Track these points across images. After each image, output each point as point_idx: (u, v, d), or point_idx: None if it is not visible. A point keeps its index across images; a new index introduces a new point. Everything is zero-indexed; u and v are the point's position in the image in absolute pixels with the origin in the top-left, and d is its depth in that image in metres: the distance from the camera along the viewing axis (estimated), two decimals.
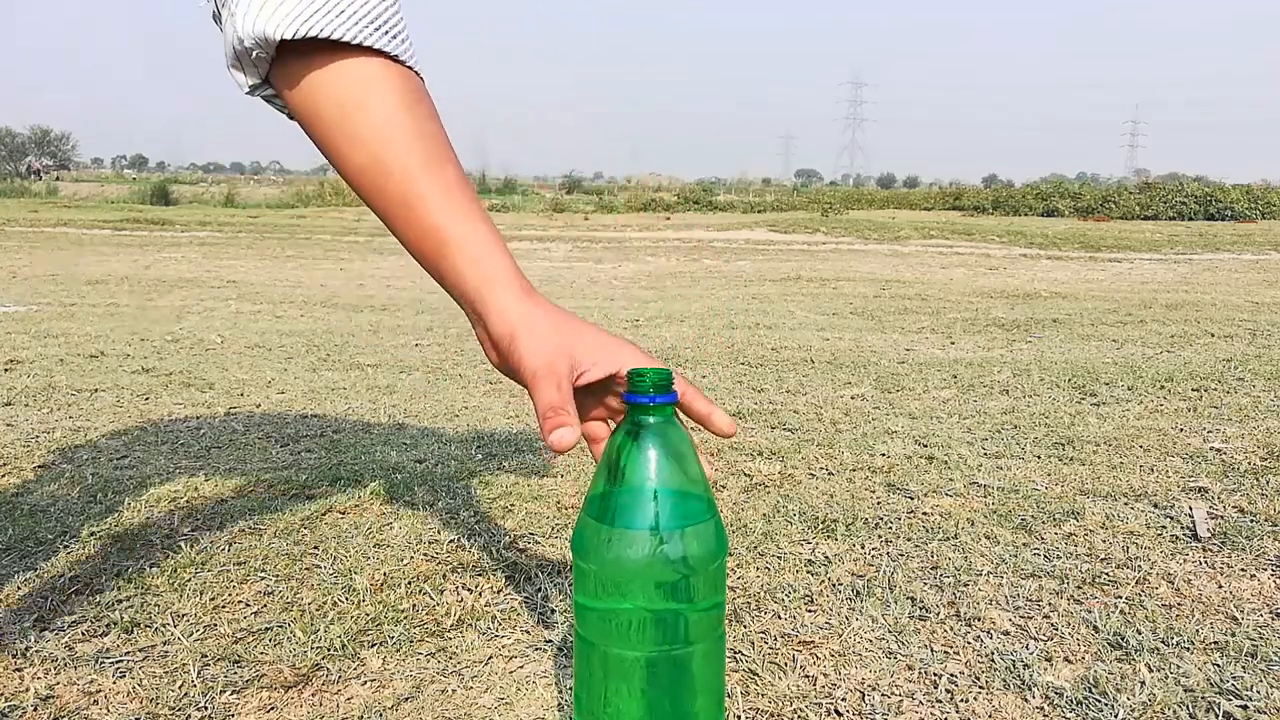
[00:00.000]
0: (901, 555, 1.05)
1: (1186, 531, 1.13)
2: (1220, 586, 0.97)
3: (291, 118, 0.64)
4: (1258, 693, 0.75)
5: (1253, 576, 1.00)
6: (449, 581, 0.97)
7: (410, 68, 0.62)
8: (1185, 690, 0.76)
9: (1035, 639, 0.85)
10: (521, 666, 0.80)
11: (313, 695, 0.75)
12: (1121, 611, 0.90)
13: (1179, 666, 0.79)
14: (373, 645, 0.83)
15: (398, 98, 0.61)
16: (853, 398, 1.92)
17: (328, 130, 0.62)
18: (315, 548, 1.06)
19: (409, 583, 0.97)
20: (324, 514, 1.17)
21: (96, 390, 1.94)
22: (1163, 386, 2.00)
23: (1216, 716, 0.72)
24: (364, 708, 0.73)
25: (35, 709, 0.72)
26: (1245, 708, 0.73)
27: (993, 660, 0.81)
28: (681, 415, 0.61)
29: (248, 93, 0.64)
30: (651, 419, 0.55)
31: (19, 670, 0.78)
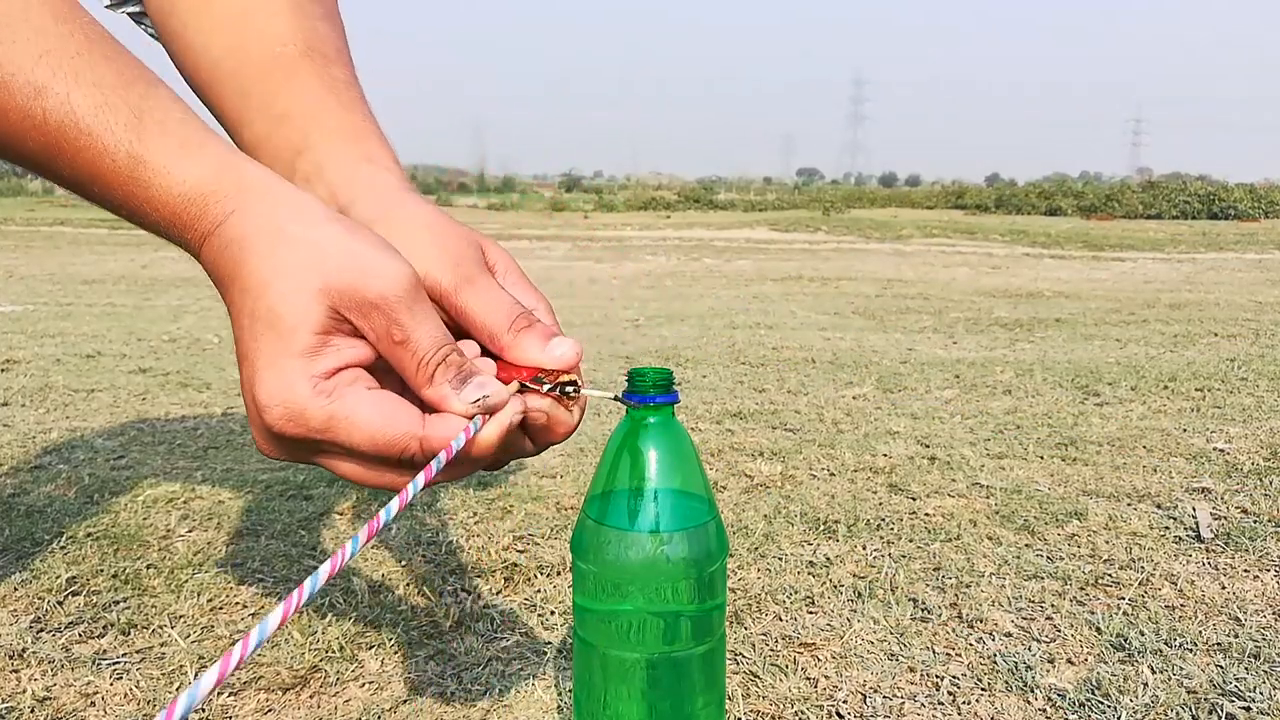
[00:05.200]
0: (903, 556, 1.05)
1: (1190, 532, 1.12)
2: (1223, 587, 0.96)
3: (157, 38, 0.56)
4: (1260, 694, 0.75)
5: (1256, 577, 0.99)
6: (447, 583, 0.97)
7: None
8: (1188, 692, 0.75)
9: (1038, 640, 0.85)
10: (520, 669, 0.80)
11: (310, 697, 0.75)
12: (1124, 613, 0.90)
13: (1182, 668, 0.79)
14: (371, 647, 0.83)
15: None
16: (854, 398, 1.92)
17: (181, 25, 0.52)
18: (313, 549, 1.06)
19: (407, 584, 0.96)
20: (321, 515, 1.17)
21: (93, 390, 1.93)
22: (1166, 386, 1.99)
23: (1219, 718, 0.72)
24: (362, 710, 0.73)
25: (32, 710, 0.72)
26: (1248, 709, 0.73)
27: (995, 662, 0.81)
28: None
29: (107, 6, 0.58)
30: (651, 419, 0.55)
31: (16, 672, 0.78)
